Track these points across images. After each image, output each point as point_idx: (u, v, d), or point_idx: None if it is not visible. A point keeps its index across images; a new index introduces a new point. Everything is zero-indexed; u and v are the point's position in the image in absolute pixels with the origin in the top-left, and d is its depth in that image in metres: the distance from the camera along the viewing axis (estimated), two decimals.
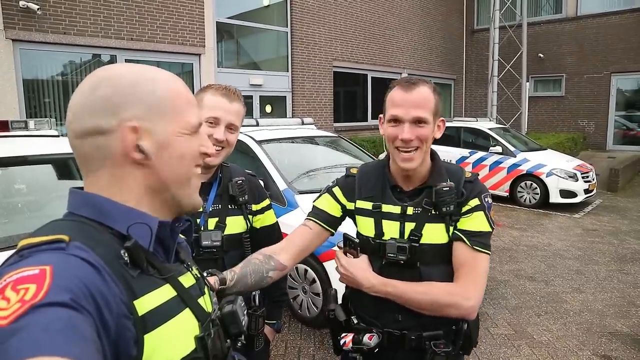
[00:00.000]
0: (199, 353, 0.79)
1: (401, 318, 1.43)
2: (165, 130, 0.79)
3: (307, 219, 1.58)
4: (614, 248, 6.11)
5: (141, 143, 0.76)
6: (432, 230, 1.42)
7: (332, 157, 5.20)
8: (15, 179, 2.92)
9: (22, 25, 6.93)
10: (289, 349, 3.56)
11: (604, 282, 4.93)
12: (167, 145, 0.79)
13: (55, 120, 3.58)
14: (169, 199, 0.82)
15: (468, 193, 1.43)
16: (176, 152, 0.80)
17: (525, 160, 8.56)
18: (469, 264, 1.37)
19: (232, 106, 1.61)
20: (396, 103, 1.38)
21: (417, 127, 1.37)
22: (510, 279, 5.04)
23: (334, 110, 12.01)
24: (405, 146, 1.37)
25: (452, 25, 16.23)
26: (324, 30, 11.60)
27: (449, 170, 1.49)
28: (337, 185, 1.60)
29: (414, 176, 1.46)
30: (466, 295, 1.35)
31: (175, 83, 0.83)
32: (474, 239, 1.38)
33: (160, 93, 0.79)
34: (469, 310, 1.35)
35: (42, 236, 0.67)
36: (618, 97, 14.24)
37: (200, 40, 9.11)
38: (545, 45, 15.07)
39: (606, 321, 4.02)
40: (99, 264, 0.66)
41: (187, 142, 0.82)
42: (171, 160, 0.80)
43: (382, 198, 1.49)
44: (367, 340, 1.43)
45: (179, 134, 0.81)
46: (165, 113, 0.79)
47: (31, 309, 0.54)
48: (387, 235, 1.46)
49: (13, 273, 0.59)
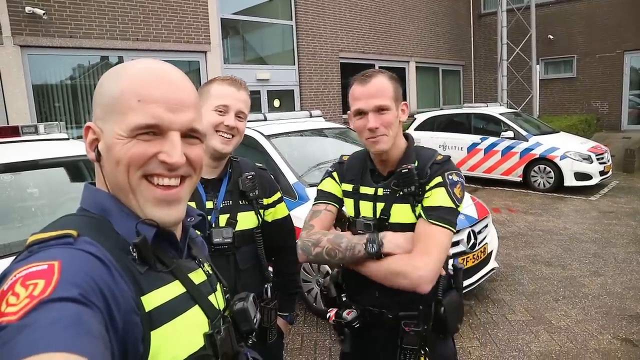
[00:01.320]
0: (207, 350, 0.79)
1: (378, 294, 1.51)
2: (109, 132, 0.75)
3: (323, 202, 1.66)
4: (632, 230, 6.01)
5: (99, 144, 0.77)
6: (400, 210, 1.50)
7: (342, 149, 5.16)
8: (27, 183, 2.95)
9: (29, 31, 6.99)
10: (305, 342, 3.57)
11: (623, 264, 4.85)
12: (110, 147, 0.75)
13: (65, 124, 3.61)
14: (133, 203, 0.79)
15: (432, 173, 1.47)
16: (113, 157, 0.75)
17: (538, 144, 8.43)
18: (423, 236, 1.40)
19: (240, 94, 1.64)
20: (356, 97, 1.50)
21: (380, 114, 1.47)
22: (526, 264, 4.98)
23: (343, 101, 11.95)
24: (373, 134, 1.48)
25: (459, 10, 16.00)
26: (329, 21, 11.52)
27: (419, 153, 1.56)
28: (335, 170, 1.72)
29: (389, 161, 1.56)
30: (415, 264, 1.35)
31: (133, 80, 0.76)
32: (430, 213, 1.42)
33: (114, 91, 0.76)
34: (419, 280, 1.34)
35: (51, 231, 0.68)
36: (632, 76, 13.93)
37: (205, 37, 9.11)
38: (555, 26, 14.77)
39: (626, 304, 3.96)
40: (107, 259, 0.66)
41: (124, 146, 0.74)
42: (108, 165, 0.76)
43: (362, 181, 1.61)
44: (346, 315, 1.54)
45: (118, 137, 0.74)
46: (113, 113, 0.75)
47: (40, 304, 0.54)
48: (362, 214, 1.58)
49: (22, 269, 0.60)
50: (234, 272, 1.62)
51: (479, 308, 4.00)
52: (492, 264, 4.22)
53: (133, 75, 0.76)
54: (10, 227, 2.64)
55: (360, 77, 1.52)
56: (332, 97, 11.67)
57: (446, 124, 9.81)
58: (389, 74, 1.55)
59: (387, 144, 1.48)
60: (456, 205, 1.43)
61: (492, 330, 3.63)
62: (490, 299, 4.18)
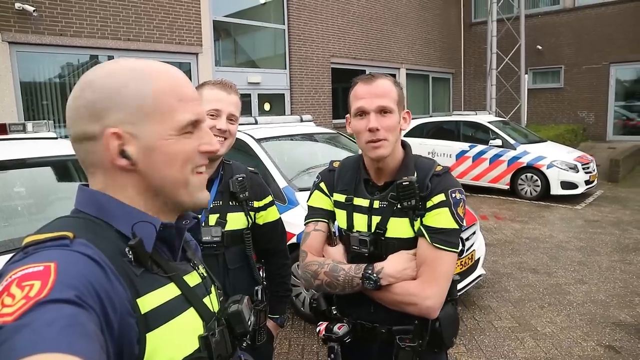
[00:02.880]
0: (202, 352, 0.79)
1: (373, 310, 1.46)
2: (151, 134, 0.75)
3: (312, 221, 1.59)
4: (616, 238, 6.10)
5: (126, 148, 0.74)
6: (397, 224, 1.43)
7: (332, 154, 5.18)
8: (14, 182, 2.91)
9: (18, 28, 6.91)
10: (292, 347, 3.56)
11: (607, 272, 4.92)
12: (153, 149, 0.75)
13: (54, 123, 3.57)
14: (168, 201, 0.81)
15: (433, 187, 1.41)
16: (165, 156, 0.76)
17: (526, 153, 8.54)
18: (430, 262, 1.37)
19: (231, 97, 1.67)
20: (359, 96, 1.43)
21: (382, 116, 1.40)
22: (512, 271, 5.03)
23: (333, 106, 11.99)
24: (373, 137, 1.39)
25: (450, 19, 16.19)
26: (321, 26, 11.57)
27: (418, 164, 1.48)
28: (322, 181, 1.63)
29: (385, 170, 1.48)
30: (424, 294, 1.35)
31: (166, 80, 0.78)
32: (435, 236, 1.37)
33: (146, 94, 0.75)
34: (428, 309, 1.36)
35: (46, 233, 0.67)
36: (617, 88, 14.20)
37: (197, 39, 9.08)
38: (544, 37, 15.02)
39: (610, 311, 4.02)
40: (103, 261, 0.66)
41: (176, 144, 0.77)
42: (160, 165, 0.76)
43: (355, 191, 1.52)
44: (337, 329, 1.47)
45: (167, 137, 0.76)
46: (151, 115, 0.75)
47: (36, 305, 0.54)
48: (356, 228, 1.49)
49: (18, 270, 0.59)
50: (222, 272, 1.64)
51: (465, 314, 4.03)
52: (479, 270, 4.26)
53: (160, 76, 0.77)
54: None
55: (364, 77, 1.46)
56: (323, 102, 11.70)
57: (435, 131, 9.90)
58: (394, 79, 1.49)
59: (387, 150, 1.40)
60: (459, 225, 1.40)
61: (479, 336, 3.66)
62: (477, 305, 4.21)
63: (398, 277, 1.39)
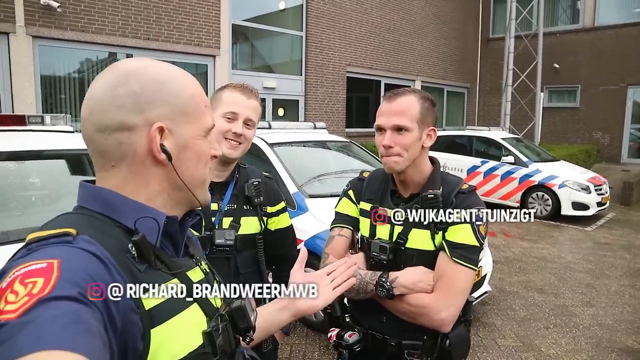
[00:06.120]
0: (206, 348, 0.79)
1: (385, 320, 1.48)
2: (186, 132, 0.80)
3: (337, 226, 1.64)
4: (626, 262, 6.02)
5: (165, 143, 0.77)
6: (418, 235, 1.46)
7: (343, 162, 5.19)
8: (30, 172, 2.95)
9: (42, 22, 7.05)
10: (294, 353, 3.55)
11: (615, 296, 4.85)
12: (186, 147, 0.80)
13: (71, 116, 3.62)
14: (183, 198, 0.83)
15: (458, 203, 1.43)
16: (194, 155, 0.82)
17: (538, 171, 8.47)
18: (447, 276, 1.39)
19: (250, 102, 1.66)
20: (380, 113, 1.48)
21: (398, 134, 1.43)
22: (519, 290, 4.98)
23: (346, 115, 12.01)
24: (386, 152, 1.45)
25: (468, 33, 16.16)
26: (339, 35, 11.62)
27: (445, 179, 1.52)
28: (351, 188, 1.68)
29: (409, 183, 1.52)
30: (437, 308, 1.37)
31: (197, 85, 0.84)
32: (455, 250, 1.39)
33: (185, 94, 0.80)
34: (442, 322, 1.38)
35: (50, 229, 0.67)
36: (634, 110, 14.04)
37: (215, 42, 9.18)
38: (561, 55, 14.91)
39: (616, 336, 3.96)
40: (106, 257, 0.66)
41: (203, 145, 0.83)
42: (189, 162, 0.81)
43: (381, 201, 1.56)
44: (347, 337, 1.49)
45: (198, 137, 0.82)
46: (188, 115, 0.80)
47: (38, 302, 0.54)
48: (378, 236, 1.53)
49: (21, 267, 0.59)
50: (233, 276, 1.63)
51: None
52: (485, 287, 4.22)
53: (191, 81, 0.83)
54: (10, 216, 2.63)
55: (389, 94, 1.49)
56: (337, 110, 11.73)
57: (447, 144, 9.85)
58: (424, 94, 1.49)
59: (401, 165, 1.44)
60: (480, 243, 1.41)
61: (482, 353, 3.62)
62: (481, 322, 4.17)
63: (411, 289, 1.40)
